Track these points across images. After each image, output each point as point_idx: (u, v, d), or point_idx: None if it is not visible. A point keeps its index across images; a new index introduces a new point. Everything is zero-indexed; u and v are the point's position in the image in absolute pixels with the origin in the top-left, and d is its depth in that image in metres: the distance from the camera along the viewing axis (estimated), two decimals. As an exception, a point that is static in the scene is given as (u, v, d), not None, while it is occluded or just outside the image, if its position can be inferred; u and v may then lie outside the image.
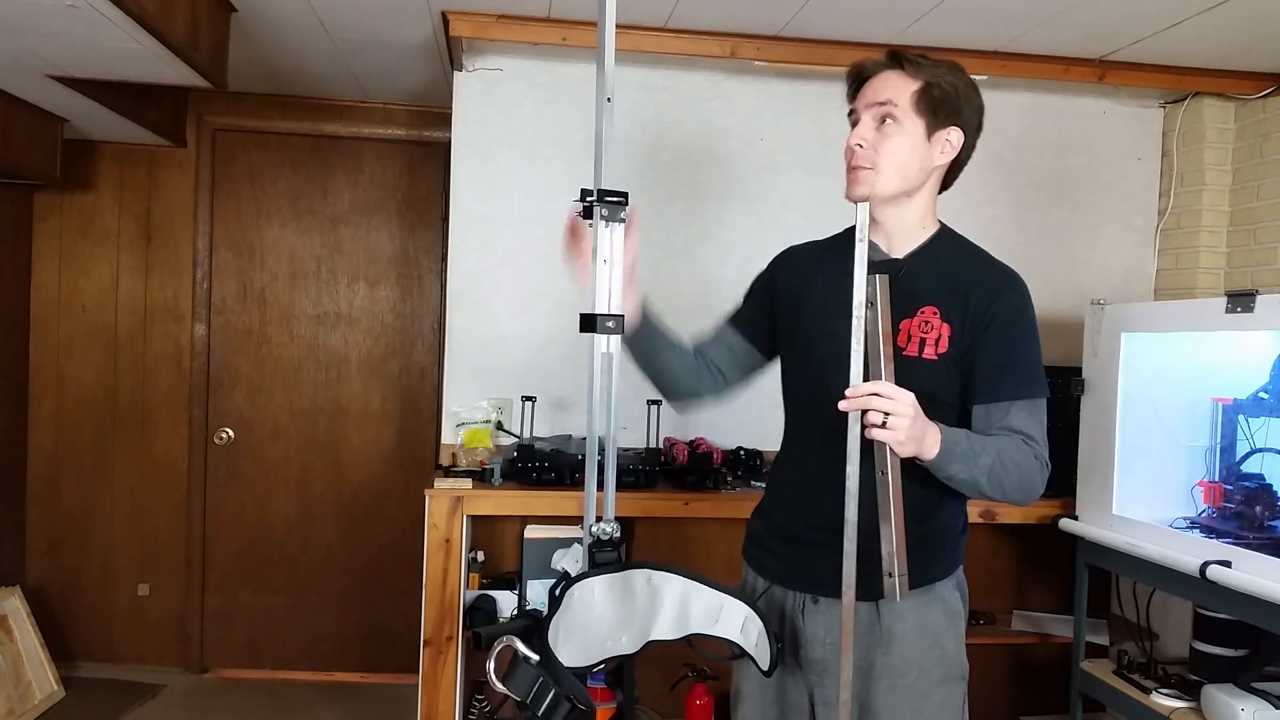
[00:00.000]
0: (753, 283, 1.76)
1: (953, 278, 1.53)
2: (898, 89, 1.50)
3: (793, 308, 1.64)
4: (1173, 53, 2.68)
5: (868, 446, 1.36)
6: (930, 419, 1.41)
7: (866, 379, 1.36)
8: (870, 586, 1.41)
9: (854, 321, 1.35)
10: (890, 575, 1.36)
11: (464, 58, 2.84)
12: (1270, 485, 2.21)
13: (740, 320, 1.74)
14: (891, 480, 1.35)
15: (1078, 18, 2.44)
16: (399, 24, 2.68)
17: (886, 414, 1.32)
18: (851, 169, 1.53)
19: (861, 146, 1.51)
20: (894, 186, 1.51)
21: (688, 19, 2.57)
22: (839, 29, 2.60)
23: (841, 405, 1.34)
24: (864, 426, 1.34)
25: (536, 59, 2.89)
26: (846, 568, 1.38)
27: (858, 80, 1.57)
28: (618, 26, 1.42)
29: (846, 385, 1.36)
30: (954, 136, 1.53)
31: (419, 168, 3.76)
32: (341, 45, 2.92)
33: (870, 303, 1.34)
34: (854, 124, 1.55)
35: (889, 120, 1.49)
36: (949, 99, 1.51)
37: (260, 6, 2.56)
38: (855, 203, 1.56)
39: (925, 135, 1.51)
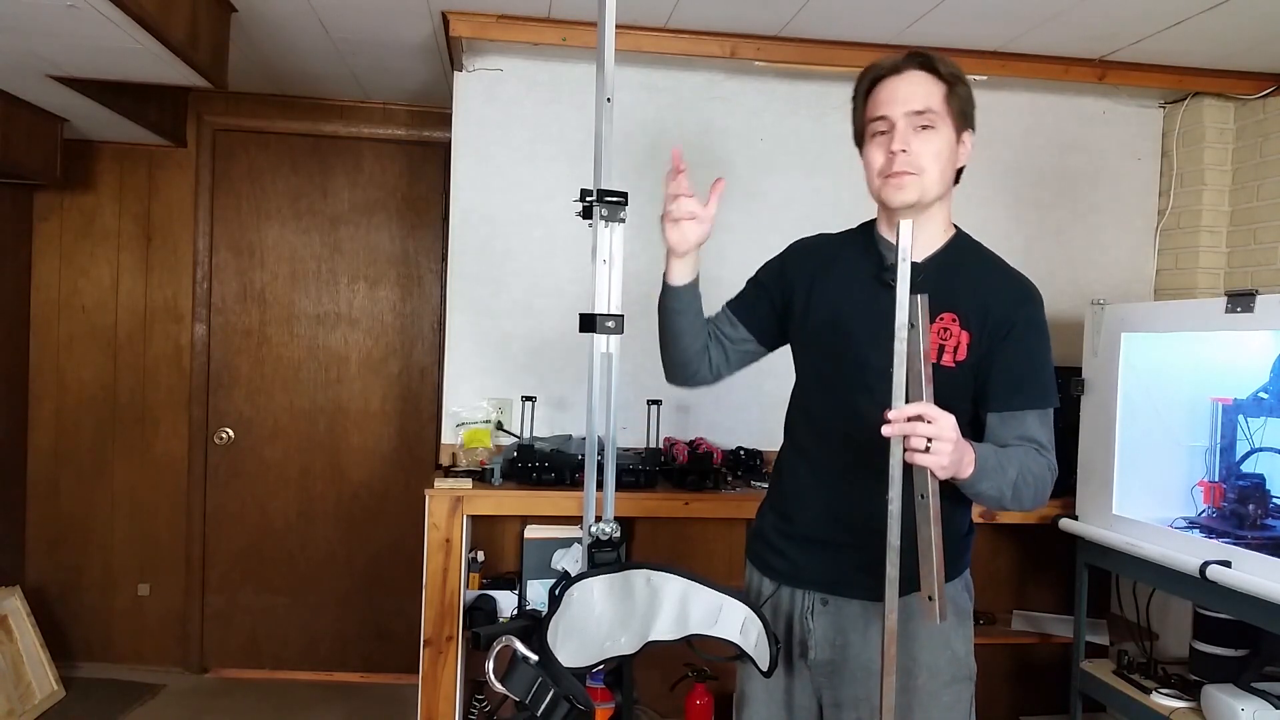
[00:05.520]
0: (760, 271, 1.72)
1: (972, 285, 1.52)
2: (931, 94, 1.47)
3: (804, 304, 1.62)
4: (1173, 53, 2.68)
5: (904, 467, 1.32)
6: None
7: (908, 400, 1.30)
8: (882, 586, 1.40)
9: (896, 344, 1.30)
10: (931, 599, 1.32)
11: (464, 58, 2.84)
12: (1270, 485, 2.21)
13: (744, 308, 1.70)
14: (931, 504, 1.31)
15: (1078, 18, 2.44)
16: (399, 24, 2.68)
17: (929, 439, 1.27)
18: (894, 175, 1.48)
19: (905, 152, 1.46)
20: (938, 189, 1.50)
21: (688, 19, 2.57)
22: (839, 29, 2.60)
23: (885, 430, 1.28)
24: (906, 449, 1.29)
25: (536, 59, 2.89)
26: (889, 593, 1.35)
27: (874, 83, 1.52)
28: (618, 26, 1.43)
29: (865, 393, 1.34)
30: (968, 139, 1.53)
31: (419, 168, 3.76)
32: (341, 45, 2.92)
33: (912, 323, 1.29)
34: (877, 131, 1.50)
35: (928, 128, 1.47)
36: (967, 101, 1.51)
37: (260, 6, 2.56)
38: (898, 209, 1.50)
39: (956, 138, 1.50)
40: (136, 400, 3.68)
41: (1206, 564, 2.05)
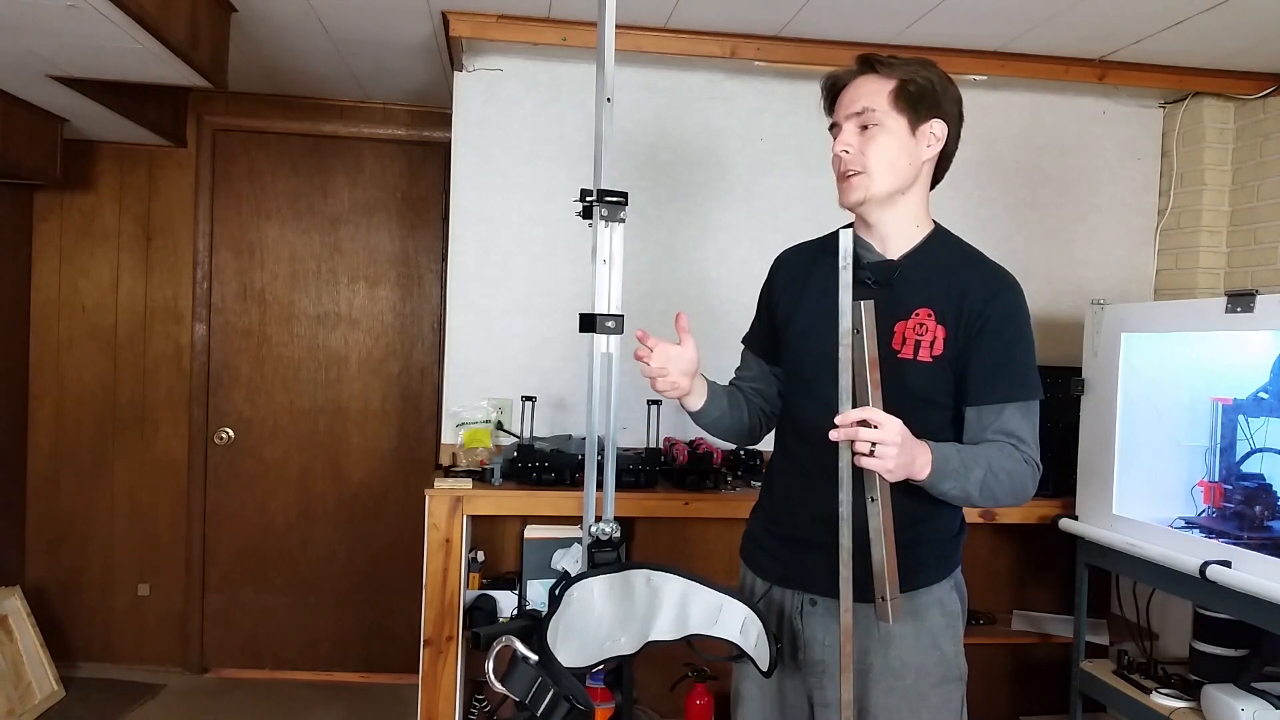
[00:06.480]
0: (758, 297, 1.77)
1: (947, 279, 1.52)
2: (873, 92, 1.51)
3: (788, 313, 1.65)
4: (1173, 53, 2.68)
5: (859, 470, 1.36)
6: (924, 421, 1.41)
7: (855, 405, 1.35)
8: (869, 588, 1.41)
9: (840, 350, 1.34)
10: (883, 599, 1.36)
11: (464, 58, 2.84)
12: (1270, 485, 2.21)
13: (756, 343, 1.76)
14: (881, 506, 1.34)
15: (1078, 18, 2.44)
16: (399, 24, 2.68)
17: (874, 443, 1.31)
18: (842, 176, 1.54)
19: (848, 153, 1.52)
20: (887, 186, 1.52)
21: (688, 19, 2.57)
22: (839, 29, 2.60)
23: (832, 435, 1.34)
24: (854, 454, 1.34)
25: (536, 59, 2.89)
26: (844, 591, 1.38)
27: (832, 91, 1.59)
28: (618, 26, 1.43)
29: (835, 391, 1.36)
30: (937, 129, 1.53)
31: (419, 168, 3.76)
32: (341, 45, 2.92)
33: (856, 329, 1.32)
34: (836, 136, 1.57)
35: (871, 125, 1.51)
36: (926, 93, 1.51)
37: (260, 6, 2.56)
38: (850, 209, 1.57)
39: (909, 131, 1.51)
40: (136, 400, 3.68)
41: (1206, 564, 2.05)
